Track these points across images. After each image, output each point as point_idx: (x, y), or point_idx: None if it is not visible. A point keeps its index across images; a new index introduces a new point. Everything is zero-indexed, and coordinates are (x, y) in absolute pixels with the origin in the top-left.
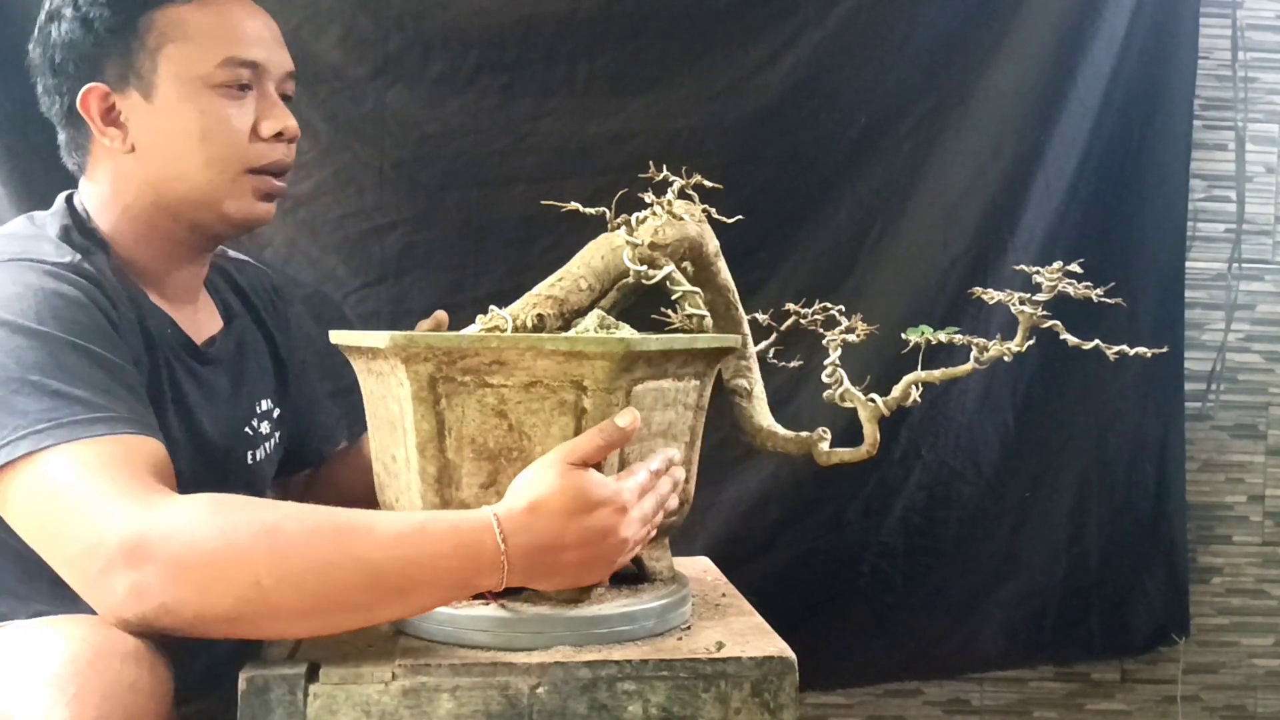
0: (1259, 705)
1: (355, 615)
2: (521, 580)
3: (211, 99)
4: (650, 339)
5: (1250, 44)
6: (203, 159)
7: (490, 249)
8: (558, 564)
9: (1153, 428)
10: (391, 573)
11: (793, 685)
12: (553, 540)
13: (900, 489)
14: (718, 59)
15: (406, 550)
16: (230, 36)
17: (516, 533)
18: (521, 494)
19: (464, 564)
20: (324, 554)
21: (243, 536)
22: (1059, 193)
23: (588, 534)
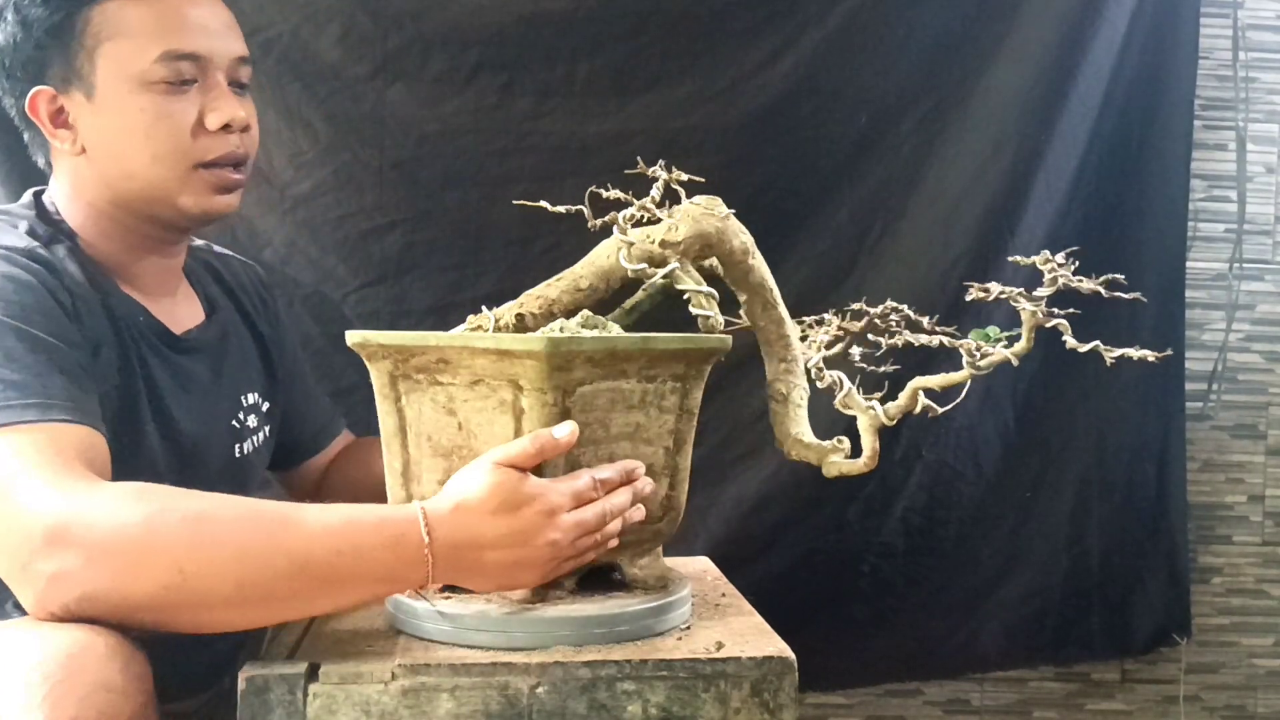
0: (1259, 705)
1: (282, 606)
2: (448, 577)
3: (151, 95)
4: (583, 338)
5: (1250, 44)
6: (148, 157)
7: (490, 249)
8: (482, 563)
9: (1153, 428)
10: (318, 563)
11: (792, 685)
12: (474, 538)
13: (901, 489)
14: (718, 58)
15: (333, 541)
16: (167, 29)
17: (441, 528)
18: (451, 491)
19: (389, 557)
20: (249, 543)
21: (167, 524)
22: (1060, 192)
23: (510, 535)
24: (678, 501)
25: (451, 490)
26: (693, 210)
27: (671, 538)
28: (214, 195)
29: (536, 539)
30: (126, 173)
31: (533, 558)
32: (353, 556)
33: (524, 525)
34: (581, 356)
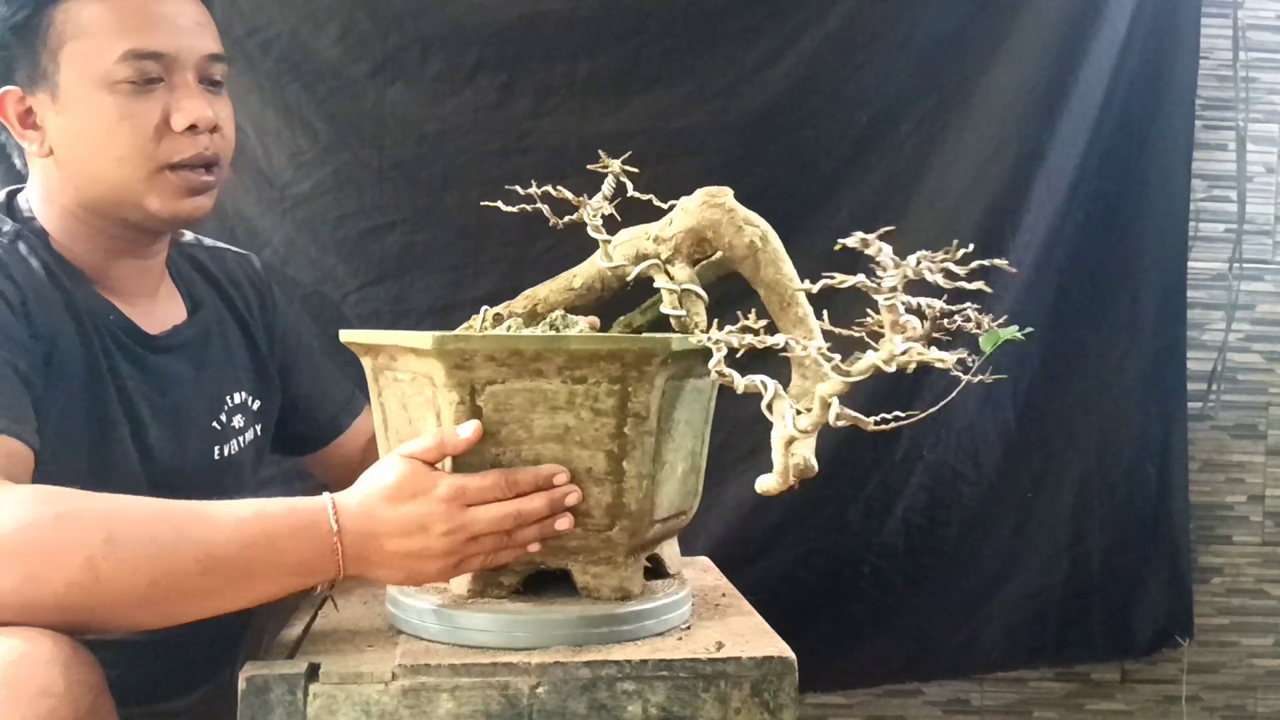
0: (1259, 705)
1: (196, 603)
2: (357, 568)
3: (114, 95)
4: (472, 336)
5: (1251, 44)
6: (112, 159)
7: (490, 249)
8: (384, 552)
9: (1155, 428)
10: (230, 557)
11: (792, 685)
12: (373, 526)
13: (901, 489)
14: (718, 58)
15: (244, 534)
16: (130, 27)
17: (347, 516)
18: (359, 483)
19: (301, 546)
20: (161, 539)
21: (77, 523)
22: (1060, 192)
23: (409, 522)
24: (631, 509)
25: (360, 481)
26: (691, 203)
27: (636, 548)
28: (182, 198)
29: (435, 527)
30: (91, 175)
31: (432, 547)
32: (265, 548)
33: (422, 513)
34: (480, 355)
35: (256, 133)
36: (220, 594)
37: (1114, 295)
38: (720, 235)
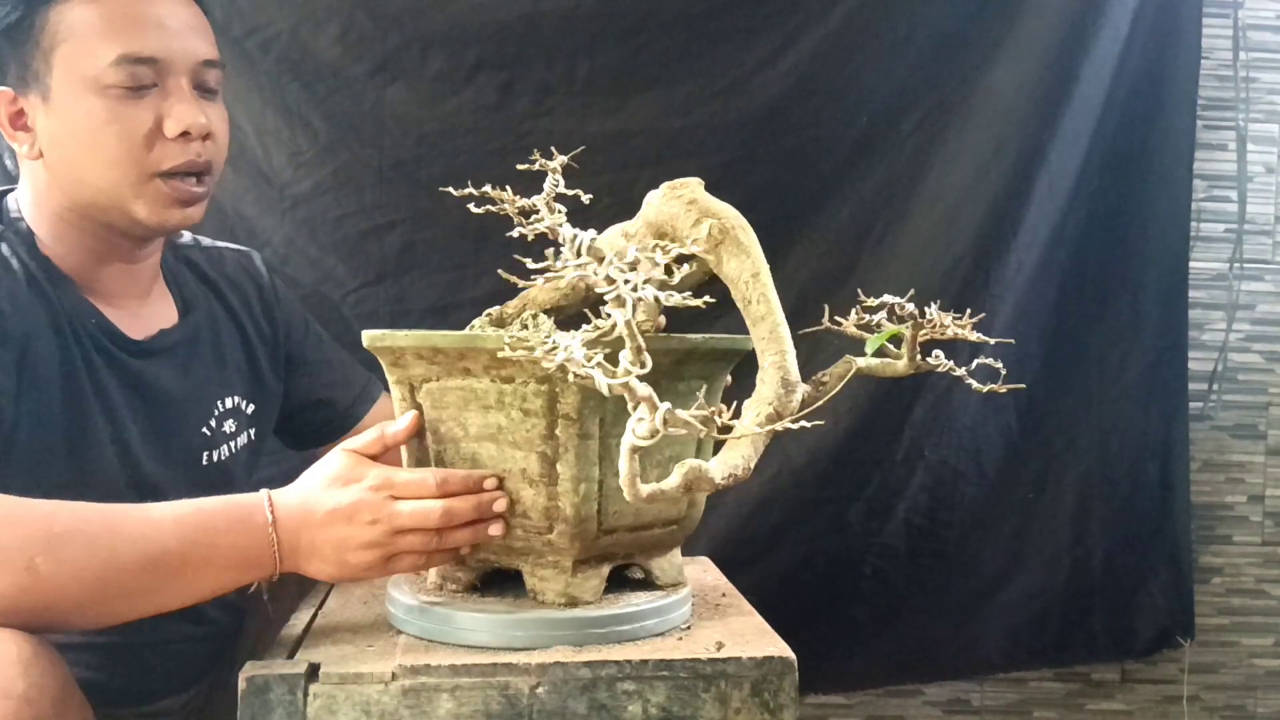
0: (1259, 705)
1: (136, 601)
2: (292, 561)
3: (105, 100)
4: (396, 334)
5: (1251, 44)
6: (100, 163)
7: (490, 248)
8: (315, 543)
9: (1156, 428)
10: (169, 554)
11: (792, 685)
12: (308, 515)
13: (903, 490)
14: (718, 57)
15: (183, 529)
16: (122, 31)
17: (283, 507)
18: (302, 476)
19: (237, 540)
20: (100, 540)
21: (17, 524)
22: (1062, 192)
23: (338, 510)
24: (567, 513)
25: (303, 476)
26: (654, 195)
27: (591, 557)
28: (170, 208)
29: (361, 515)
30: (80, 179)
31: (358, 536)
32: (203, 544)
33: (351, 500)
34: (409, 353)
35: (256, 132)
36: (161, 592)
37: (1116, 295)
38: (678, 228)
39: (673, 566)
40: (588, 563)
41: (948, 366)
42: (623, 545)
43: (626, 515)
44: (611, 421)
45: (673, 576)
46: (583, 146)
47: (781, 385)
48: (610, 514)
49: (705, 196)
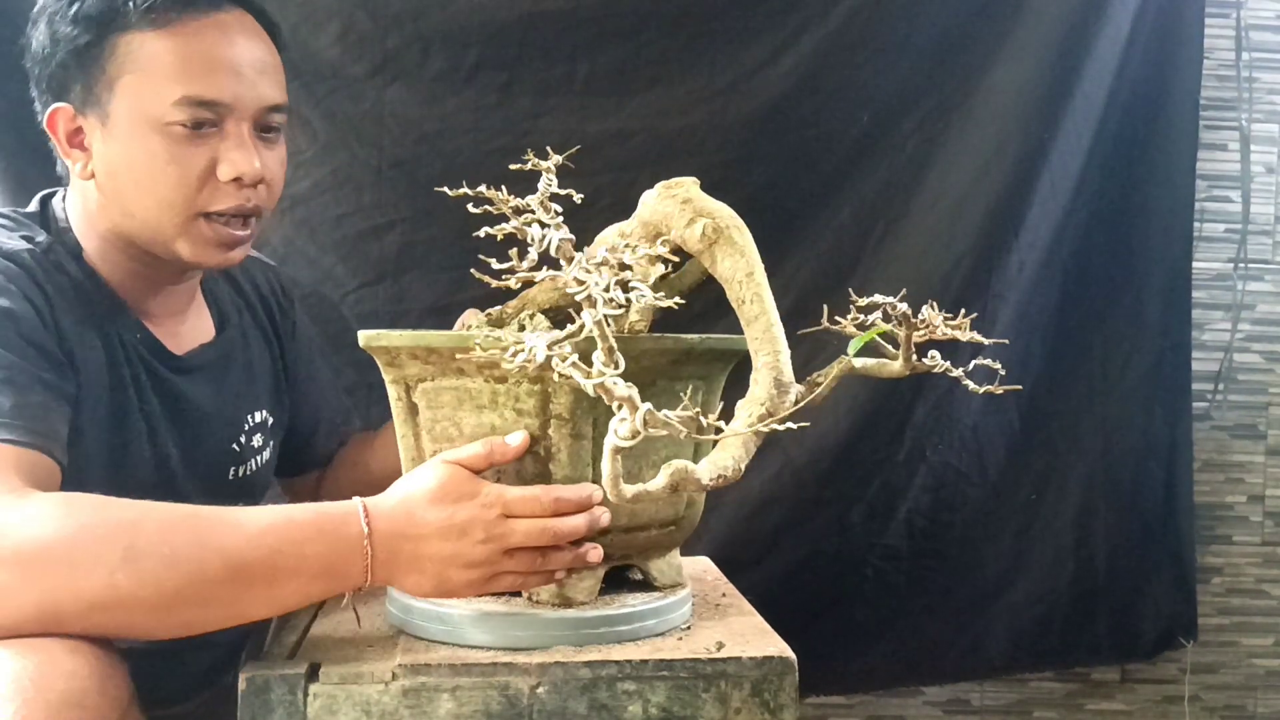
0: (1259, 705)
1: (218, 610)
2: (387, 573)
3: (163, 138)
4: (391, 333)
5: (1253, 44)
6: (152, 200)
7: (490, 249)
8: (418, 556)
9: (1159, 429)
10: (254, 563)
11: (793, 685)
12: (410, 529)
13: (905, 491)
14: (719, 57)
15: (269, 539)
16: (190, 72)
17: (381, 518)
18: (396, 487)
19: (328, 549)
20: (181, 549)
21: (98, 533)
22: (1064, 191)
23: (449, 526)
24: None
25: (397, 485)
26: (649, 195)
27: None
28: (213, 249)
29: (474, 533)
30: (129, 209)
31: (470, 555)
32: (290, 552)
33: (465, 517)
34: (404, 351)
35: None
36: (244, 602)
37: (1118, 295)
38: (673, 228)
39: (671, 567)
40: None
41: (943, 367)
42: (618, 546)
43: (620, 516)
44: (605, 423)
45: (671, 578)
46: (579, 146)
47: (774, 386)
48: None
49: (700, 196)
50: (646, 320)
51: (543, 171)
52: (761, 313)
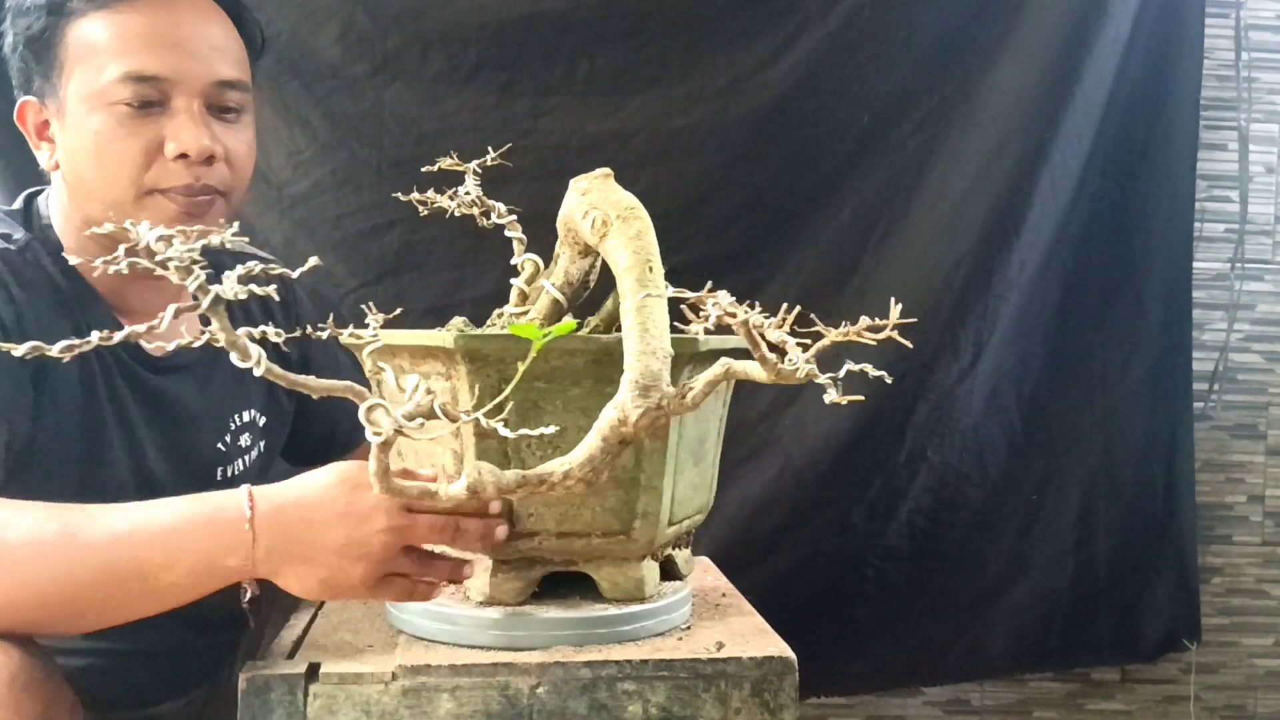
0: (1259, 705)
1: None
2: (272, 562)
3: (107, 116)
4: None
5: (1252, 44)
6: (102, 178)
7: (489, 248)
8: (313, 543)
9: (1161, 430)
10: (121, 559)
11: (793, 685)
12: (309, 510)
13: (906, 491)
14: (719, 57)
15: (139, 535)
16: (130, 49)
17: (268, 500)
18: (296, 477)
19: (204, 537)
20: (53, 547)
21: None
22: (1065, 191)
23: (348, 511)
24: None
25: (298, 475)
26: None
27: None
28: (172, 223)
29: (377, 520)
30: (87, 192)
31: (368, 545)
32: (162, 546)
33: (367, 504)
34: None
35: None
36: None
37: (1119, 295)
38: (575, 224)
39: (629, 580)
40: (510, 564)
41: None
42: (551, 550)
43: (547, 519)
44: (519, 420)
45: (627, 591)
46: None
47: (633, 388)
48: (525, 516)
49: (601, 188)
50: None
51: (467, 173)
52: (634, 309)
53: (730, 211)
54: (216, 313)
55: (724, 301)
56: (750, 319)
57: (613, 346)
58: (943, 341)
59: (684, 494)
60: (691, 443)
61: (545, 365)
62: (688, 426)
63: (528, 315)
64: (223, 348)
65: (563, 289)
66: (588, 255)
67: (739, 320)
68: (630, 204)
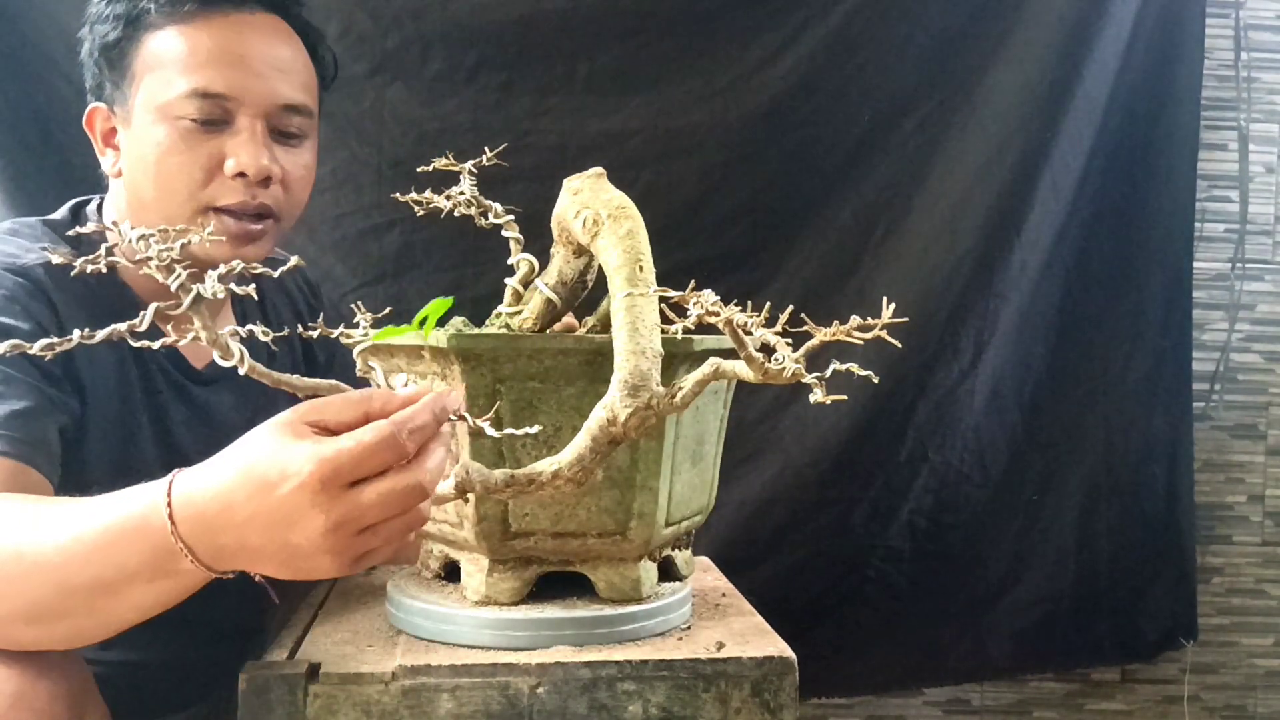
0: (1259, 705)
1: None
2: (225, 562)
3: (171, 129)
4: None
5: (1252, 44)
6: (160, 191)
7: (489, 248)
8: (248, 549)
9: (1161, 430)
10: (76, 577)
11: (793, 685)
12: (228, 515)
13: (907, 492)
14: (719, 56)
15: (82, 547)
16: (199, 65)
17: (186, 507)
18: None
19: (144, 550)
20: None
21: None
22: (1066, 191)
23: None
24: (466, 511)
25: (220, 455)
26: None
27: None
28: (224, 244)
29: (307, 523)
30: (143, 203)
31: (308, 546)
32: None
33: (288, 507)
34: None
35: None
36: (92, 614)
37: (1119, 295)
38: (568, 223)
39: (625, 580)
40: (505, 564)
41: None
42: (546, 550)
43: (542, 519)
44: (510, 419)
45: (623, 592)
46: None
47: (622, 388)
48: (519, 515)
49: (593, 187)
50: (535, 318)
51: (462, 174)
52: (623, 309)
53: (730, 211)
54: (198, 311)
55: (707, 301)
56: (734, 318)
57: (606, 346)
58: (943, 342)
59: (682, 494)
60: (689, 443)
61: (539, 365)
62: (685, 426)
63: (521, 315)
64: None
65: (556, 288)
66: (582, 255)
67: (722, 319)
68: (621, 203)
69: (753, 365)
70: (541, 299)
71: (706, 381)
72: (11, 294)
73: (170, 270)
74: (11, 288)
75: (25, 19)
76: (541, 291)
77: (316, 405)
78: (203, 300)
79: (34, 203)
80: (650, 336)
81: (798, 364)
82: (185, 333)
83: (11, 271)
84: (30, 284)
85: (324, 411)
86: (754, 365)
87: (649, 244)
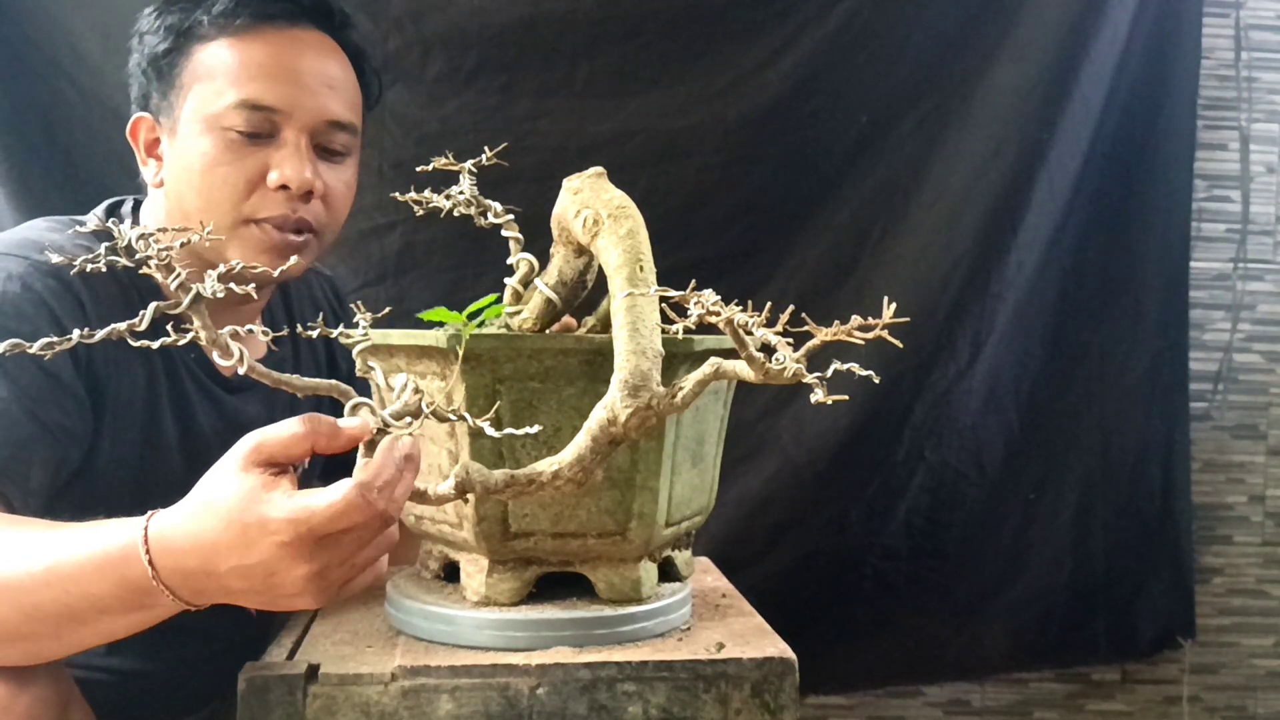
0: (1259, 705)
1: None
2: (207, 598)
3: (216, 140)
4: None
5: (1252, 44)
6: (202, 201)
7: (490, 249)
8: (230, 591)
9: (1158, 428)
10: (48, 604)
11: (793, 686)
12: (210, 564)
13: (904, 490)
14: (718, 58)
15: (55, 579)
16: (248, 77)
17: (166, 555)
18: (190, 498)
19: (120, 588)
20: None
21: None
22: (1063, 192)
23: (249, 570)
24: (466, 512)
25: (191, 499)
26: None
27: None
28: (264, 256)
29: (290, 570)
30: (185, 212)
31: (290, 589)
32: (78, 594)
33: (264, 558)
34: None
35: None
36: (66, 638)
37: (1117, 295)
38: (568, 223)
39: (625, 581)
40: (505, 564)
41: (794, 370)
42: (546, 551)
43: (542, 519)
44: (510, 419)
45: (623, 593)
46: (579, 146)
47: (622, 388)
48: (519, 516)
49: (593, 186)
50: (535, 318)
51: (462, 173)
52: (623, 309)
53: (730, 211)
54: (197, 310)
55: (708, 300)
56: (735, 318)
57: (606, 346)
58: (941, 341)
59: (682, 495)
60: (690, 443)
61: (539, 365)
62: (685, 427)
63: (520, 314)
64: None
65: (556, 288)
66: (582, 255)
67: (723, 319)
68: (621, 203)
69: (754, 365)
70: (541, 298)
71: (707, 381)
72: (35, 304)
73: (169, 270)
74: (46, 292)
75: (29, 20)
76: (541, 291)
77: (261, 447)
78: (203, 299)
79: (38, 203)
80: (651, 336)
81: (799, 364)
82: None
83: (51, 276)
84: (60, 285)
85: (270, 451)
86: (755, 365)
87: (649, 243)
